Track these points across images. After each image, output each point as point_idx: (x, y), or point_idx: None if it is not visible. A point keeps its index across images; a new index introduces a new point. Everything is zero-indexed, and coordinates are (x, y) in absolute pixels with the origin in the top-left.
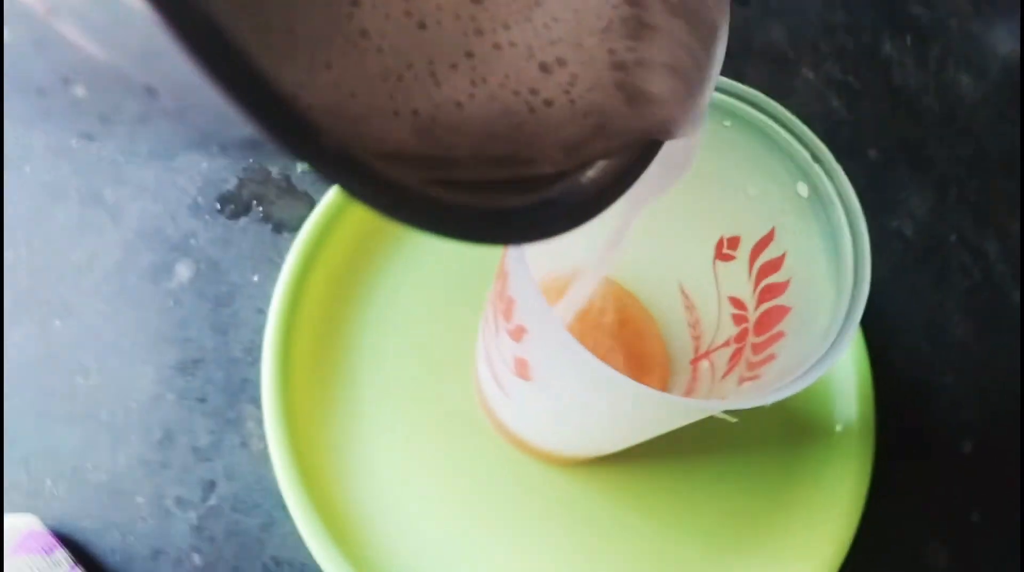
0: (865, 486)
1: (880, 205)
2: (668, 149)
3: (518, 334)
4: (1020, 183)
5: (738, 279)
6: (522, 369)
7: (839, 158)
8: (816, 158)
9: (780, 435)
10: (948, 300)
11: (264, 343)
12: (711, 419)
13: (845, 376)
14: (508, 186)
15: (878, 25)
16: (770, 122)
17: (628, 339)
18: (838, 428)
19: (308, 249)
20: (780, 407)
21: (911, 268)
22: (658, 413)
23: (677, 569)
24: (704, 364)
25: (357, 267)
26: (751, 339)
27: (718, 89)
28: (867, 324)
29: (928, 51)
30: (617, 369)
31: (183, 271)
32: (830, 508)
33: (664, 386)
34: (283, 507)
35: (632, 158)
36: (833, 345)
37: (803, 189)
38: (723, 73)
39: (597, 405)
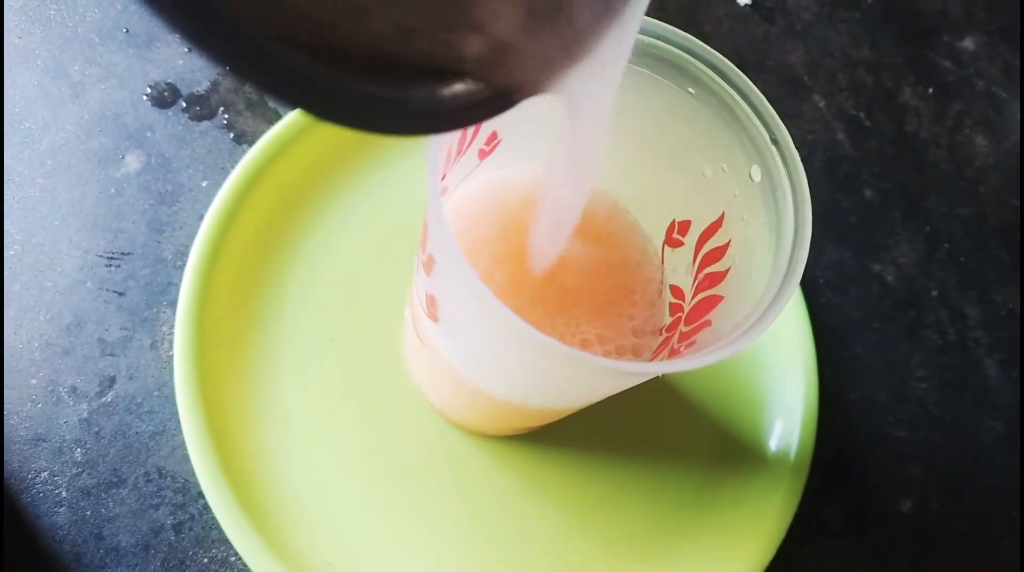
0: (788, 516)
1: (865, 246)
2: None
3: (429, 265)
4: (1014, 256)
5: (682, 267)
6: (432, 308)
7: (833, 192)
8: (774, 140)
9: (711, 447)
10: (916, 355)
11: (193, 248)
12: (638, 418)
13: (792, 404)
14: (374, 73)
15: (902, 70)
16: (734, 94)
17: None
18: (772, 452)
19: (259, 164)
20: (716, 419)
21: (885, 316)
22: (555, 366)
23: (579, 561)
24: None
25: (305, 193)
26: (681, 328)
27: (687, 51)
28: (828, 361)
29: (948, 106)
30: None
31: (132, 162)
32: (746, 533)
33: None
34: (178, 419)
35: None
36: (742, 335)
37: (756, 173)
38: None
39: (494, 346)
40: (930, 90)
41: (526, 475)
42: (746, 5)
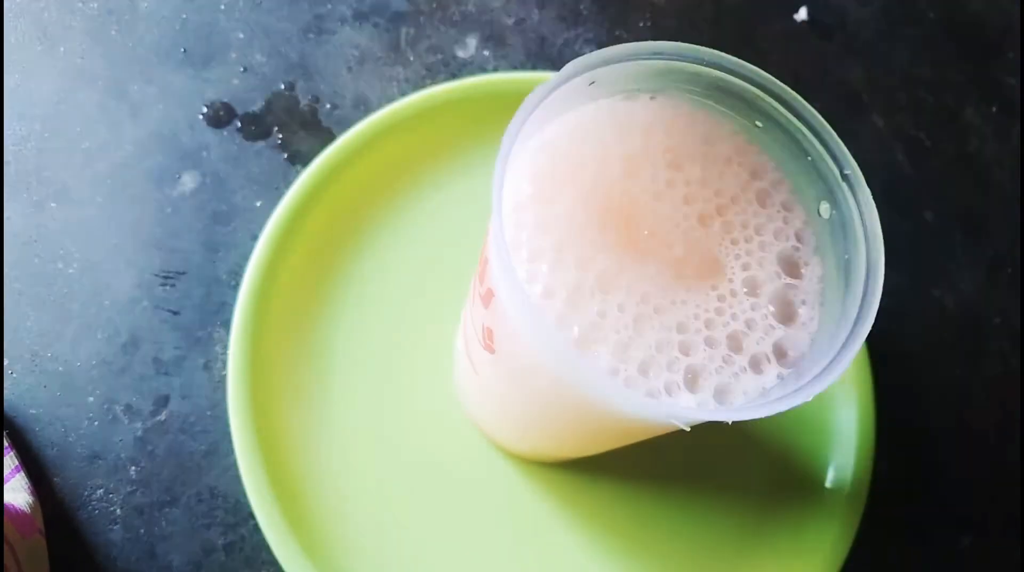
0: (844, 551)
1: (925, 270)
2: None
3: (488, 298)
4: None
5: None
6: (489, 340)
7: (892, 214)
8: (845, 176)
9: (764, 478)
10: (976, 384)
11: (247, 268)
12: (689, 447)
13: (847, 436)
14: None
15: (965, 88)
16: (803, 129)
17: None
18: (827, 484)
19: (313, 185)
20: (770, 449)
21: (945, 343)
22: (602, 403)
23: None
24: None
25: (358, 215)
26: None
27: (755, 83)
28: (885, 390)
29: (1013, 125)
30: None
31: (188, 181)
32: (801, 568)
33: None
34: (230, 439)
35: None
36: (815, 379)
37: (825, 210)
38: None
39: (549, 376)
40: (993, 108)
41: (579, 504)
42: (803, 22)
